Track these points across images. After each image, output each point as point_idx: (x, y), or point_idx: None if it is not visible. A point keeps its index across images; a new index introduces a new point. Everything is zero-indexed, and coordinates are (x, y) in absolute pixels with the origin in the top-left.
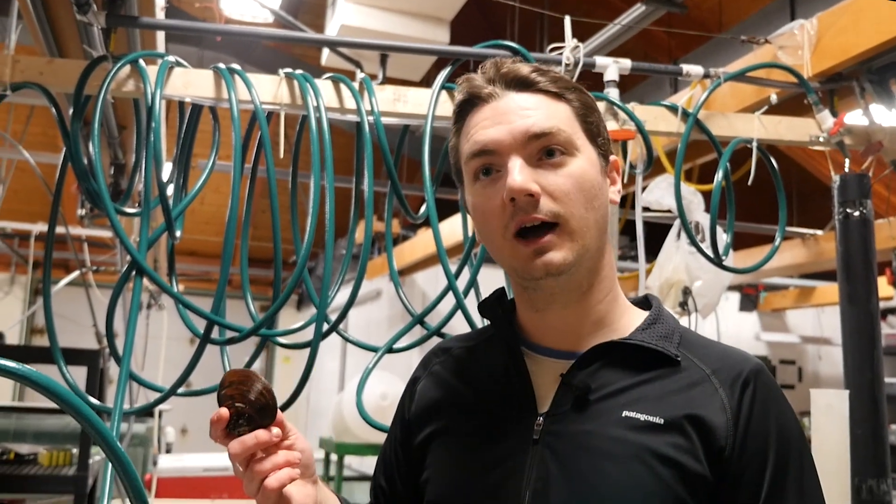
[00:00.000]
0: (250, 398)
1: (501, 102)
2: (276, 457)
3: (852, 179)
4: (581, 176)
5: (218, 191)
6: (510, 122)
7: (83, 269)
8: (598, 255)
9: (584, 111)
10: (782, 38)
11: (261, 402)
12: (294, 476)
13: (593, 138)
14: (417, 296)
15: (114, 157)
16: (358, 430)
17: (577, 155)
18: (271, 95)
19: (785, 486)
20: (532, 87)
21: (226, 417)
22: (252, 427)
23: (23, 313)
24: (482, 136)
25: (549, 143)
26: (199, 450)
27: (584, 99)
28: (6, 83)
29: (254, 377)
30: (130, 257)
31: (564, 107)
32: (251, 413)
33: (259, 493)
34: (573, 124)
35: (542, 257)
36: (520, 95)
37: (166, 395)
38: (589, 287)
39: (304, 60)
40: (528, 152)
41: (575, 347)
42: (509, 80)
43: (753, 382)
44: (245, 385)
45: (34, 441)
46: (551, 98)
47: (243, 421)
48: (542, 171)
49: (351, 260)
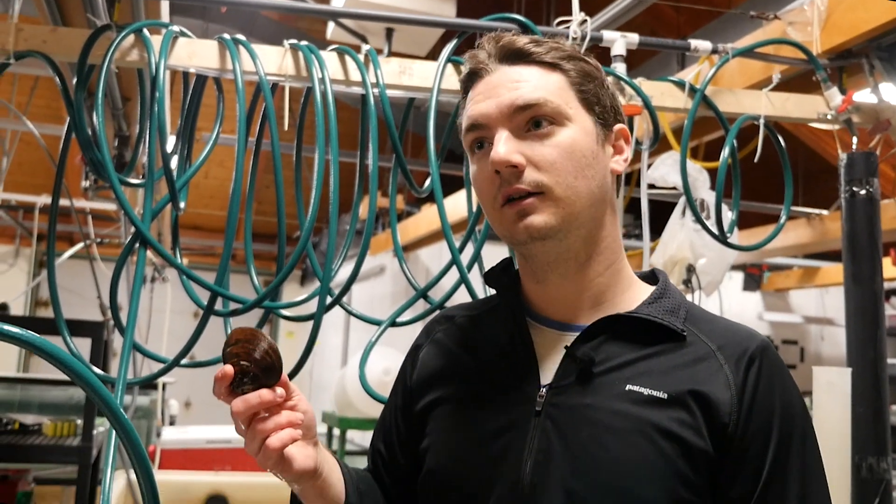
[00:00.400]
0: (255, 357)
1: (494, 76)
2: (278, 417)
3: (859, 158)
4: (570, 145)
5: (222, 165)
6: (498, 96)
7: (87, 242)
8: (595, 224)
9: (581, 80)
10: (792, 13)
11: (266, 361)
12: (296, 437)
13: (590, 107)
14: (421, 271)
15: (117, 128)
16: (360, 405)
17: (568, 125)
18: (276, 67)
19: (788, 463)
20: (525, 58)
21: (230, 375)
22: (256, 386)
23: (27, 285)
24: (473, 110)
25: (536, 114)
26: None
27: (582, 67)
28: (10, 52)
29: (260, 336)
30: (135, 228)
31: (558, 77)
32: (256, 372)
33: (260, 452)
34: (566, 94)
35: (524, 220)
36: (512, 68)
37: (170, 365)
38: (587, 258)
39: (309, 34)
40: (516, 124)
41: (578, 320)
42: (503, 54)
43: (759, 359)
44: (251, 343)
45: (39, 412)
46: (545, 69)
47: (248, 379)
48: (530, 142)
49: (355, 235)
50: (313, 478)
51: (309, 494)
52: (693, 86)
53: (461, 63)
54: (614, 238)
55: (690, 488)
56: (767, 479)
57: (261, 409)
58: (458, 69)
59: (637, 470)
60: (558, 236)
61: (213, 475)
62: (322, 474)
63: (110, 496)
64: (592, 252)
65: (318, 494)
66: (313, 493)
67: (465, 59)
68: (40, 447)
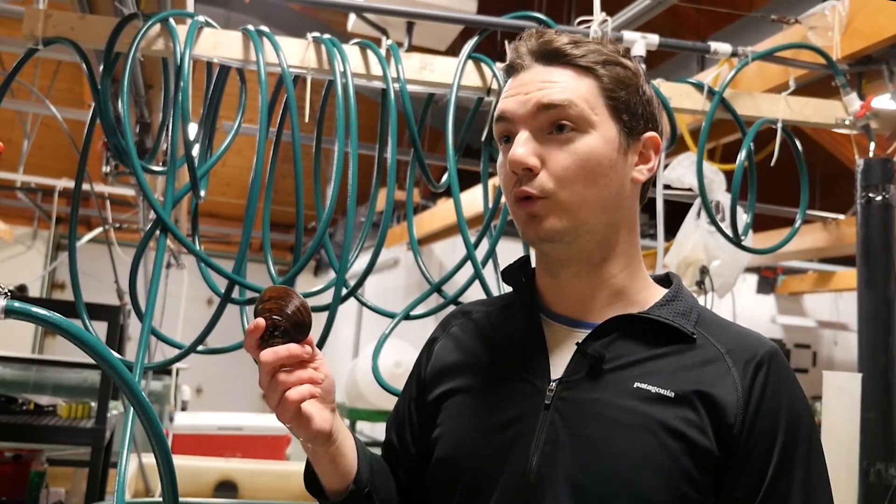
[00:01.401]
0: (287, 312)
1: (528, 74)
2: (301, 371)
3: (876, 164)
4: (587, 154)
5: (241, 154)
6: (526, 94)
7: (106, 227)
8: (610, 230)
9: (613, 86)
10: (813, 18)
11: (297, 317)
12: (315, 393)
13: (617, 114)
14: (434, 265)
15: (139, 115)
16: (371, 397)
17: (590, 132)
18: (298, 59)
19: (792, 468)
20: (561, 59)
21: (262, 327)
22: (286, 340)
23: (44, 268)
24: (503, 104)
25: (559, 117)
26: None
27: (617, 73)
28: (38, 37)
29: (292, 294)
30: (155, 215)
31: (589, 81)
32: (287, 327)
33: (279, 405)
34: (595, 99)
35: (534, 223)
36: (545, 68)
37: (186, 351)
38: (602, 260)
39: (331, 25)
40: (538, 124)
41: (591, 318)
42: (540, 53)
43: (767, 364)
44: (283, 300)
45: (53, 393)
46: (578, 72)
47: (278, 333)
48: (549, 145)
49: (371, 227)
50: (327, 442)
51: (322, 460)
52: (711, 88)
53: (482, 60)
54: (631, 243)
55: (694, 486)
56: (771, 483)
57: (288, 361)
58: (478, 66)
59: (642, 465)
60: (566, 239)
61: (224, 461)
62: (336, 441)
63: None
64: (607, 255)
65: (331, 461)
66: (326, 458)
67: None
68: (54, 428)
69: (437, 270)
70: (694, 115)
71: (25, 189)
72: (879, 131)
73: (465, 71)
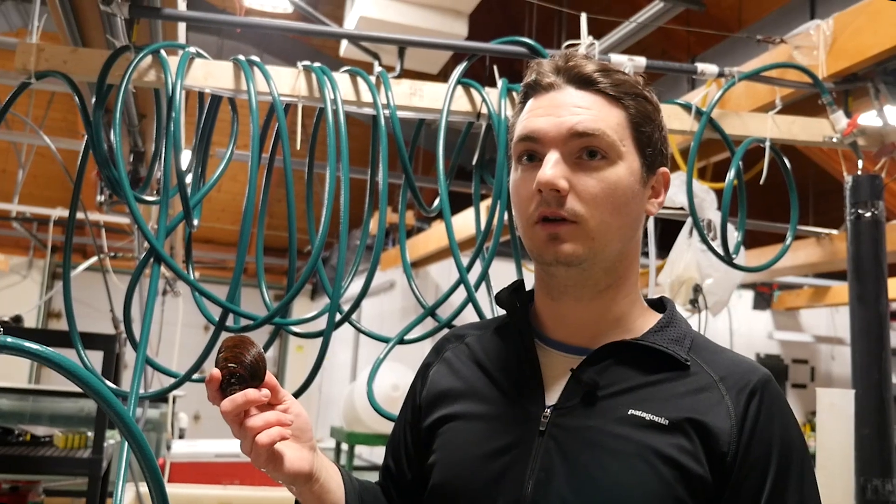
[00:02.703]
0: (244, 360)
1: (559, 95)
2: (267, 414)
3: (865, 180)
4: (615, 183)
5: (235, 179)
6: (559, 116)
7: (101, 255)
8: (621, 258)
9: (640, 119)
10: (798, 37)
11: (253, 364)
12: (285, 435)
13: (642, 148)
14: (431, 287)
15: (133, 144)
16: (369, 421)
17: (618, 162)
18: (289, 88)
19: (785, 495)
20: (592, 86)
21: (218, 378)
22: (243, 387)
23: (40, 297)
24: (532, 122)
25: (591, 145)
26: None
27: (643, 107)
28: (31, 71)
29: (248, 342)
30: (148, 244)
31: (619, 112)
32: (242, 373)
33: (252, 451)
34: (623, 130)
35: (555, 244)
36: (578, 92)
37: (181, 380)
38: (607, 287)
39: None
40: (569, 149)
41: (588, 344)
42: (572, 75)
43: (760, 392)
44: (239, 348)
45: (50, 423)
46: (608, 101)
47: (235, 380)
48: (579, 171)
49: (365, 251)
50: (309, 481)
51: (307, 499)
52: (699, 108)
53: (471, 85)
54: (634, 271)
55: None
56: None
57: (247, 407)
58: (467, 91)
59: (636, 492)
60: (583, 265)
61: (222, 489)
62: (319, 479)
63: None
64: (612, 282)
65: (316, 499)
66: (311, 497)
67: (530, 66)
68: (51, 459)
69: (433, 293)
70: (683, 135)
71: (21, 219)
72: (867, 148)
73: (455, 96)
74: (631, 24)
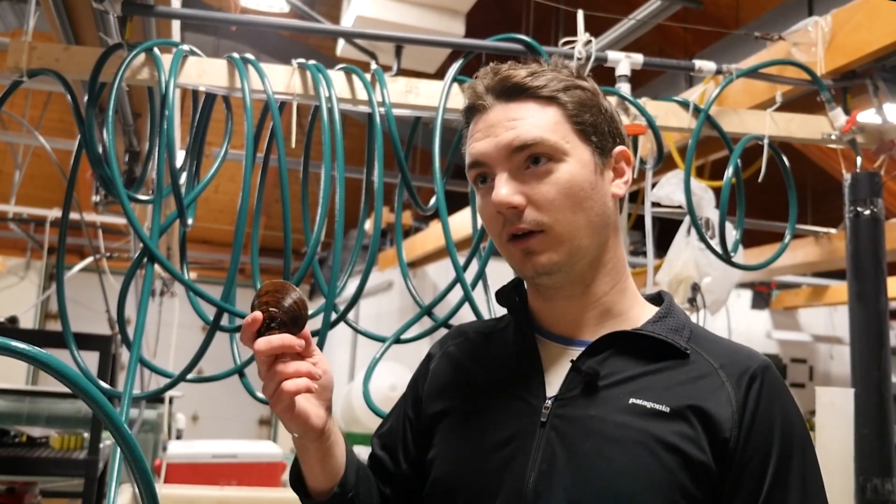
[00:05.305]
0: (284, 305)
1: (492, 114)
2: (299, 364)
3: (863, 178)
4: (568, 181)
5: (232, 180)
6: (496, 136)
7: (97, 256)
8: (599, 249)
9: (577, 111)
10: (796, 34)
11: (293, 310)
12: (311, 387)
13: (587, 137)
14: (428, 287)
15: (128, 144)
16: (367, 420)
17: (566, 160)
18: (284, 85)
19: (788, 480)
20: (521, 94)
21: (259, 320)
22: (282, 332)
23: (37, 298)
24: (474, 148)
25: (533, 153)
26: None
27: (579, 97)
28: (23, 69)
29: (289, 287)
30: (142, 244)
31: (554, 111)
32: (283, 318)
33: (275, 395)
34: (562, 128)
35: (530, 259)
36: (509, 105)
37: (175, 380)
38: (593, 279)
39: (320, 51)
40: (515, 164)
41: (584, 335)
42: (500, 90)
43: (760, 378)
44: (280, 293)
45: (46, 424)
46: (541, 103)
47: (275, 325)
48: (531, 180)
49: (361, 251)
50: (319, 438)
51: (310, 457)
52: (697, 106)
53: (468, 82)
54: (619, 258)
55: (691, 500)
56: (768, 496)
57: (282, 351)
58: (463, 88)
59: (638, 480)
60: (564, 269)
61: (219, 490)
62: (328, 440)
63: None
64: (598, 273)
65: (319, 459)
66: (315, 455)
67: (464, 88)
68: (47, 460)
69: (430, 292)
70: (681, 132)
71: (18, 220)
72: (866, 145)
73: (451, 93)
74: (628, 21)
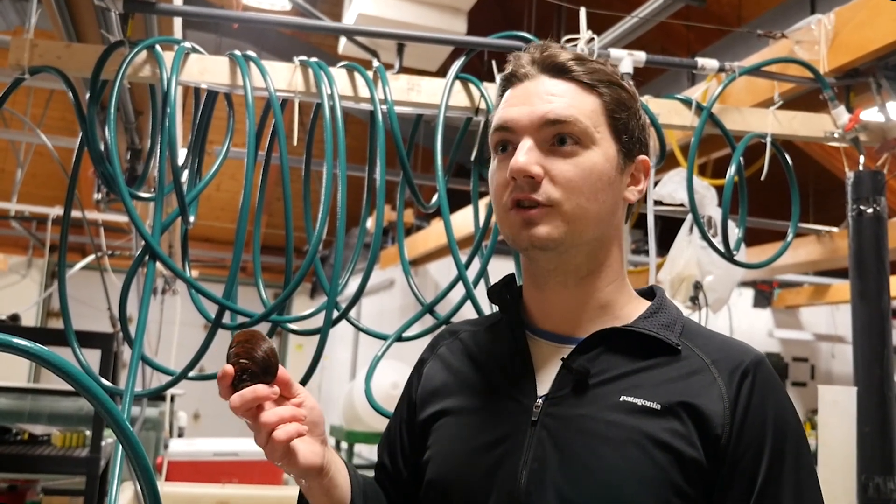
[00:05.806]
0: (255, 356)
1: (532, 84)
2: (281, 410)
3: (866, 176)
4: (590, 168)
5: (234, 178)
6: (532, 105)
7: (99, 254)
8: (601, 244)
9: (615, 106)
10: (799, 32)
11: (264, 360)
12: (301, 431)
13: (618, 135)
14: (430, 285)
15: (130, 142)
16: (368, 419)
17: (592, 148)
18: (286, 83)
19: (781, 477)
20: (566, 74)
21: (230, 373)
22: (254, 383)
23: (39, 296)
24: (505, 112)
25: (563, 131)
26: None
27: (619, 95)
28: (25, 67)
29: (259, 337)
30: (144, 242)
31: (593, 99)
32: (255, 369)
33: (267, 445)
34: (597, 117)
35: (528, 229)
36: (552, 81)
37: (177, 378)
38: (589, 273)
39: (321, 49)
40: (542, 136)
41: (576, 332)
42: (546, 65)
43: (753, 373)
44: (250, 343)
45: (48, 422)
46: (582, 89)
47: (247, 377)
48: (553, 157)
49: (363, 249)
50: (320, 475)
51: (315, 492)
52: (700, 104)
53: (469, 80)
54: (617, 259)
55: (683, 497)
56: (760, 492)
57: (255, 403)
58: (465, 86)
59: (630, 478)
60: (559, 249)
61: (220, 488)
62: (329, 473)
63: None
64: (594, 269)
65: (324, 493)
66: (319, 491)
67: (508, 58)
68: (49, 458)
69: (432, 290)
70: (683, 130)
71: (19, 218)
72: (868, 144)
73: (453, 91)
74: (631, 19)
